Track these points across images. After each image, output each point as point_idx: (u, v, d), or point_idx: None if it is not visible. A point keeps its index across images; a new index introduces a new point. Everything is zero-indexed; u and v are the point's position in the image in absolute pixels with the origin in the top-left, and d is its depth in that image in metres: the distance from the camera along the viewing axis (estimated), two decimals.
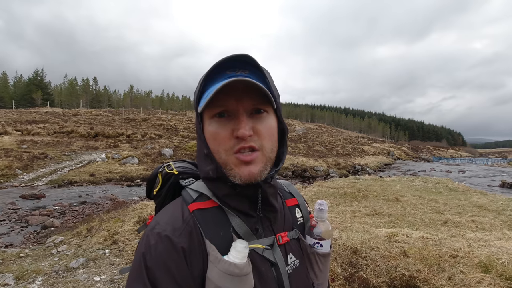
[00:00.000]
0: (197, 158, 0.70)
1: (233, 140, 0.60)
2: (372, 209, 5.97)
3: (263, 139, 0.62)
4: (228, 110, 0.60)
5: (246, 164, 0.60)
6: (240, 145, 0.59)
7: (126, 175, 14.33)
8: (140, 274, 0.55)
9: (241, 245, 0.58)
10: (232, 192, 0.63)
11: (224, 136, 0.60)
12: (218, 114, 0.60)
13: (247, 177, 0.60)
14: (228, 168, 0.61)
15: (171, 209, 0.64)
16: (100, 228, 5.41)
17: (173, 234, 0.57)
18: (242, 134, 0.58)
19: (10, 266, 3.86)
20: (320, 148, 31.90)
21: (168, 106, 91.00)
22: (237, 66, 0.61)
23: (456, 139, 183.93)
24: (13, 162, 13.60)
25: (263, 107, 0.62)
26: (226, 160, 0.61)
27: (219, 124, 0.61)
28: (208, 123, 0.62)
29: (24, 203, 8.82)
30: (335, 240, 3.45)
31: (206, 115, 0.63)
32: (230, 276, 0.55)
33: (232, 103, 0.59)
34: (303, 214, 0.80)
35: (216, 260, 0.56)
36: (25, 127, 23.56)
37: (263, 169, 0.62)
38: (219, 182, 0.64)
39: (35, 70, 66.21)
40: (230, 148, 0.60)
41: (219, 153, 0.61)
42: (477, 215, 5.46)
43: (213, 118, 0.61)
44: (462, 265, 2.64)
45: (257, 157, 0.61)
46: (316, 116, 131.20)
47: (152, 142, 24.65)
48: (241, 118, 0.59)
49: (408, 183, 10.16)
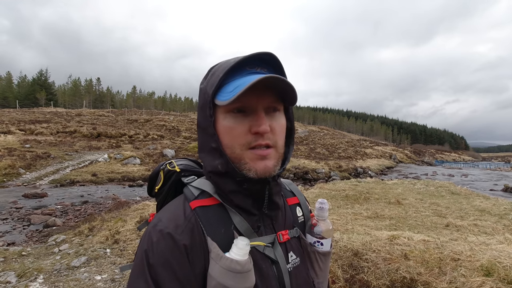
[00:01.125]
0: (201, 153, 0.69)
1: (250, 136, 0.60)
2: (374, 212, 5.95)
3: (277, 136, 0.63)
4: (247, 106, 0.60)
5: (262, 158, 0.61)
6: (258, 142, 0.60)
7: (128, 176, 14.38)
8: (142, 271, 0.55)
9: (242, 242, 0.58)
10: (238, 188, 0.63)
11: (241, 131, 0.60)
12: (236, 109, 0.60)
13: (262, 171, 0.60)
14: (242, 162, 0.61)
15: (173, 207, 0.65)
16: (102, 228, 5.43)
17: (175, 231, 0.58)
18: (264, 129, 0.59)
19: (12, 264, 3.88)
20: (322, 150, 31.84)
21: (170, 107, 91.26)
22: (256, 63, 0.62)
23: (459, 143, 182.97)
24: (16, 161, 13.69)
25: (278, 106, 0.64)
26: (241, 154, 0.61)
27: (236, 119, 0.60)
28: (223, 117, 0.62)
29: (27, 202, 8.88)
30: (336, 242, 3.44)
31: (221, 109, 0.62)
32: (232, 273, 0.55)
33: (252, 100, 0.59)
34: (304, 212, 0.80)
35: (218, 257, 0.57)
36: (28, 126, 23.72)
37: (276, 164, 0.63)
38: (226, 177, 0.64)
39: (39, 70, 66.82)
40: (246, 144, 0.60)
41: (233, 148, 0.61)
42: (479, 219, 5.43)
43: (230, 113, 0.61)
44: (464, 269, 2.63)
45: (271, 153, 0.62)
46: (319, 118, 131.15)
47: (154, 142, 24.72)
48: (261, 115, 0.60)
49: (410, 186, 10.11)
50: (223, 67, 0.61)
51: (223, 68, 0.61)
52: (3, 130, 21.40)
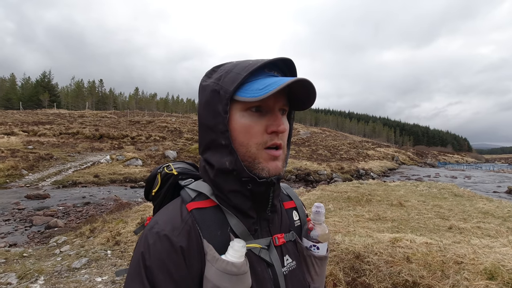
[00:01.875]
0: (206, 150, 0.68)
1: (266, 135, 0.62)
2: (376, 214, 5.91)
3: (284, 138, 0.66)
4: (264, 106, 0.62)
5: (274, 159, 0.63)
6: (274, 141, 0.62)
7: (130, 177, 14.40)
8: (139, 273, 0.55)
9: (238, 244, 0.58)
10: (240, 188, 0.63)
11: (258, 130, 0.62)
12: (255, 108, 0.61)
13: (274, 171, 0.63)
14: (256, 161, 0.62)
15: (170, 209, 0.64)
16: (103, 229, 5.43)
17: (172, 233, 0.57)
18: (283, 129, 0.62)
19: (13, 266, 3.89)
20: (324, 152, 31.78)
21: (172, 109, 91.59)
22: (273, 67, 0.65)
23: (462, 144, 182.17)
24: (19, 163, 13.75)
25: (287, 108, 0.67)
26: (256, 153, 0.62)
27: (253, 117, 0.62)
28: (241, 115, 0.62)
29: (29, 203, 8.91)
30: (338, 244, 3.42)
31: (237, 107, 0.62)
32: (228, 275, 0.55)
33: (271, 100, 0.61)
34: (300, 217, 0.81)
35: (214, 259, 0.57)
36: (31, 128, 23.86)
37: (283, 165, 0.67)
38: (231, 176, 0.63)
39: (42, 72, 67.31)
40: (262, 143, 0.62)
41: (249, 146, 0.62)
42: (482, 222, 5.38)
43: (247, 111, 0.61)
44: (467, 272, 2.60)
45: (281, 154, 0.65)
46: (320, 120, 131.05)
47: (156, 144, 24.77)
48: (278, 115, 0.63)
49: (412, 188, 10.05)
50: (242, 66, 0.62)
51: (244, 67, 0.61)
52: (7, 131, 21.54)
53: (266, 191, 0.64)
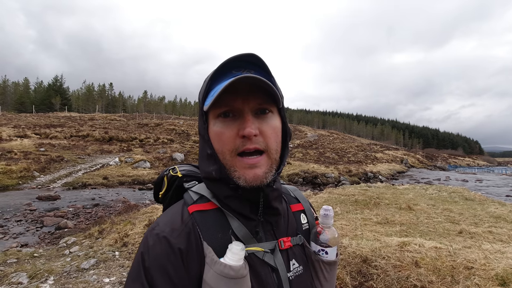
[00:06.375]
0: (200, 159, 0.70)
1: (238, 140, 0.59)
2: (384, 217, 5.83)
3: (268, 140, 0.61)
4: (234, 109, 0.60)
5: (251, 167, 0.59)
6: (246, 146, 0.59)
7: (138, 179, 14.55)
8: (139, 274, 0.56)
9: (237, 247, 0.57)
10: (233, 194, 0.63)
11: (229, 136, 0.59)
12: (223, 113, 0.60)
13: (252, 179, 0.59)
14: (232, 170, 0.60)
15: (171, 211, 0.65)
16: (111, 230, 5.50)
17: (171, 235, 0.58)
18: (248, 132, 0.57)
19: (24, 265, 3.97)
20: (332, 154, 31.54)
21: (180, 112, 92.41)
22: (243, 66, 0.61)
23: (473, 147, 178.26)
24: (31, 165, 14.06)
25: (268, 107, 0.62)
26: (231, 161, 0.60)
27: (224, 124, 0.60)
28: (213, 123, 0.62)
29: (40, 204, 9.09)
30: (345, 248, 3.38)
31: (211, 115, 0.62)
32: (225, 278, 0.54)
33: (238, 102, 0.59)
34: (308, 220, 0.78)
35: (212, 262, 0.56)
36: (43, 130, 24.38)
37: (268, 171, 0.61)
38: (221, 183, 0.63)
39: (54, 76, 68.87)
40: (235, 149, 0.59)
41: (224, 154, 0.61)
42: (494, 226, 5.24)
43: (218, 118, 0.61)
44: (478, 277, 2.54)
45: (262, 160, 0.60)
46: (328, 122, 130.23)
47: (164, 146, 25.00)
48: (247, 117, 0.59)
49: (421, 191, 9.88)
50: (210, 72, 0.61)
51: (210, 73, 0.60)
52: (20, 134, 22.05)
53: (257, 196, 0.62)
